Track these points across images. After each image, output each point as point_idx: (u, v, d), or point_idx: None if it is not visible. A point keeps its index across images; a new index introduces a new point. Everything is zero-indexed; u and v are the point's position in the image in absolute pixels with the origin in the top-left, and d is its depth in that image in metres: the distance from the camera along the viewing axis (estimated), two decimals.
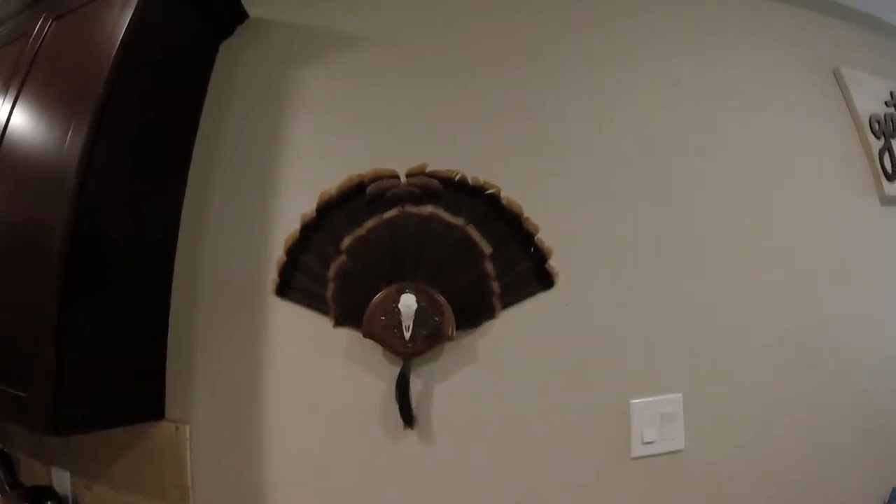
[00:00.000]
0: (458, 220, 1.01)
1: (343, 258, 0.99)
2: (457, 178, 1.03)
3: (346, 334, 0.98)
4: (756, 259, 1.18)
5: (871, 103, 1.38)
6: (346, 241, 1.00)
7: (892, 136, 1.38)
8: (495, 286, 1.00)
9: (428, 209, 1.01)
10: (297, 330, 1.00)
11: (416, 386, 0.96)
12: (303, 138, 1.07)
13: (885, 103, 1.40)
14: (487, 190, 1.03)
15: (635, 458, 1.04)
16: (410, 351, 0.93)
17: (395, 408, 0.94)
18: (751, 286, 1.17)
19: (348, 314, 0.98)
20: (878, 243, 1.33)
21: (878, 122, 1.37)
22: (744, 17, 1.33)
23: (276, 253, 1.01)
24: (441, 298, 0.95)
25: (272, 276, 1.00)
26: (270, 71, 1.11)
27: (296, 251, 1.00)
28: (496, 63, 1.11)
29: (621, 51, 1.18)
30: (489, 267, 1.01)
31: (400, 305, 0.92)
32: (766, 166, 1.24)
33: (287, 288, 1.00)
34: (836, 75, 1.38)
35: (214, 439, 0.99)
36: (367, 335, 0.94)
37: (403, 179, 1.02)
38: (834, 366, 1.21)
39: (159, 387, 1.01)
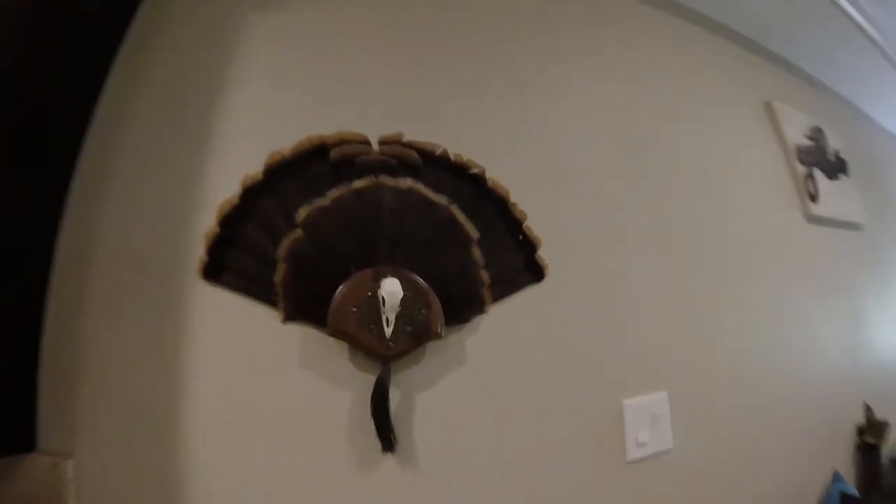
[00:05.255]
0: (441, 199, 0.85)
1: (298, 233, 0.76)
2: (438, 153, 0.87)
3: (300, 332, 0.75)
4: (716, 265, 1.22)
5: (797, 134, 1.50)
6: (303, 213, 0.77)
7: (813, 165, 1.51)
8: (484, 276, 0.85)
9: (407, 182, 0.84)
10: (231, 326, 0.73)
11: (394, 396, 0.75)
12: (251, 90, 0.83)
13: (808, 137, 1.52)
14: (472, 169, 0.89)
15: (631, 462, 0.95)
16: (392, 352, 0.73)
17: (369, 427, 0.72)
18: (715, 289, 1.20)
19: (304, 306, 0.75)
20: (805, 255, 1.46)
21: (803, 152, 1.48)
22: (695, 47, 1.40)
23: (206, 223, 0.75)
24: (427, 287, 0.77)
25: (199, 253, 0.74)
26: (213, 8, 0.89)
27: (234, 221, 0.75)
28: (483, 38, 1.01)
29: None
30: (477, 254, 0.85)
31: (383, 293, 0.71)
32: (714, 184, 1.29)
33: (220, 269, 0.73)
34: (768, 107, 1.48)
35: (110, 478, 0.66)
36: (333, 333, 0.72)
37: (376, 147, 0.85)
38: (779, 364, 1.30)
39: (28, 409, 0.67)
